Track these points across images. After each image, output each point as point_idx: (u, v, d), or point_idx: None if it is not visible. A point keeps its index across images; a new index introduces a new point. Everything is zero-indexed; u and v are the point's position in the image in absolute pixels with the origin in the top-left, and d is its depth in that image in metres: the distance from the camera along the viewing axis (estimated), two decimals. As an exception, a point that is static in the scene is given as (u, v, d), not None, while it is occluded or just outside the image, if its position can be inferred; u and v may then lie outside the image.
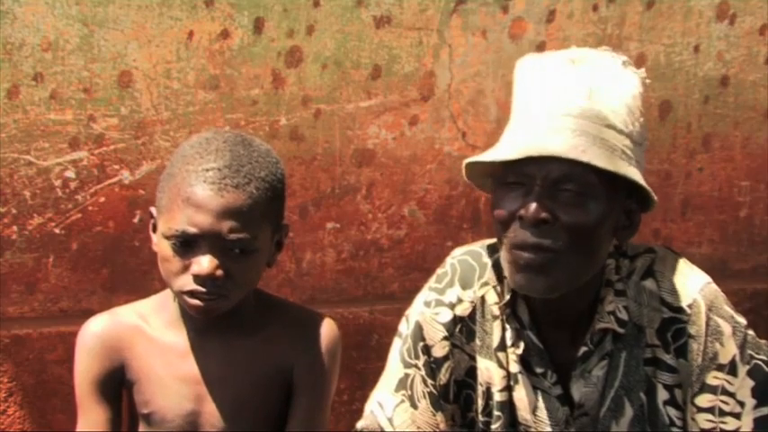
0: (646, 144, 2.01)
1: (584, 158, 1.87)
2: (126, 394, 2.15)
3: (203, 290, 1.98)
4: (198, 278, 1.97)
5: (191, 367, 2.10)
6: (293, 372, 2.13)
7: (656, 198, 1.95)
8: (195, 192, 1.96)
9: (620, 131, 1.93)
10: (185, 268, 1.99)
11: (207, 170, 1.98)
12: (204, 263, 1.96)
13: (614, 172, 1.89)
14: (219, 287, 1.98)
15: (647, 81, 2.03)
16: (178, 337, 2.11)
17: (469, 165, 2.02)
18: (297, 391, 2.14)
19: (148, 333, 2.12)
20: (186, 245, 1.97)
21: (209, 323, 2.09)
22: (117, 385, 2.13)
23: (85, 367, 2.12)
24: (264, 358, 2.12)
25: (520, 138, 1.94)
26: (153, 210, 2.08)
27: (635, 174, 1.92)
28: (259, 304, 2.16)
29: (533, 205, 1.90)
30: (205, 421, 2.10)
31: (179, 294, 2.02)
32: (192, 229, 1.96)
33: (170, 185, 2.01)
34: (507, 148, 1.93)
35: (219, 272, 1.97)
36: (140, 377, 2.11)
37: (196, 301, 1.99)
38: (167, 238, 1.99)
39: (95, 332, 2.13)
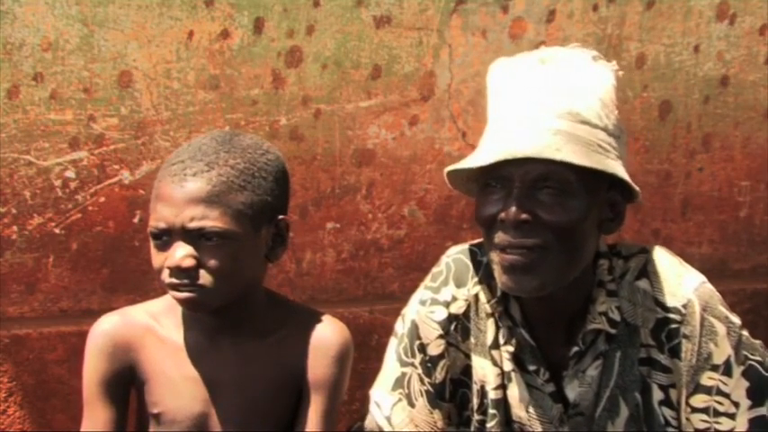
0: (624, 137, 2.01)
1: (558, 157, 1.87)
2: (136, 394, 2.15)
3: (177, 281, 1.99)
4: (172, 271, 1.98)
5: (202, 368, 2.10)
6: (304, 374, 2.13)
7: (638, 188, 1.95)
8: (161, 187, 2.01)
9: (595, 126, 1.93)
10: (164, 263, 2.01)
11: (172, 164, 2.02)
12: (173, 254, 1.98)
13: (591, 167, 1.89)
14: (193, 277, 1.98)
15: (621, 73, 2.04)
16: (189, 338, 2.12)
17: (453, 172, 2.03)
18: (307, 394, 2.13)
19: (160, 333, 2.13)
20: (162, 240, 2.00)
21: (220, 324, 2.09)
22: (125, 386, 2.13)
23: (94, 366, 2.12)
24: (276, 360, 2.12)
25: (495, 142, 1.95)
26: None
27: (613, 166, 1.93)
28: (270, 306, 2.16)
29: (513, 207, 1.91)
30: (215, 423, 2.10)
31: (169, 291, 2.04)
32: (161, 224, 1.99)
33: (154, 188, 2.05)
34: (484, 154, 1.95)
35: (188, 262, 1.97)
36: (151, 377, 2.12)
37: (177, 294, 2.00)
38: (150, 237, 2.02)
39: (106, 331, 2.13)
